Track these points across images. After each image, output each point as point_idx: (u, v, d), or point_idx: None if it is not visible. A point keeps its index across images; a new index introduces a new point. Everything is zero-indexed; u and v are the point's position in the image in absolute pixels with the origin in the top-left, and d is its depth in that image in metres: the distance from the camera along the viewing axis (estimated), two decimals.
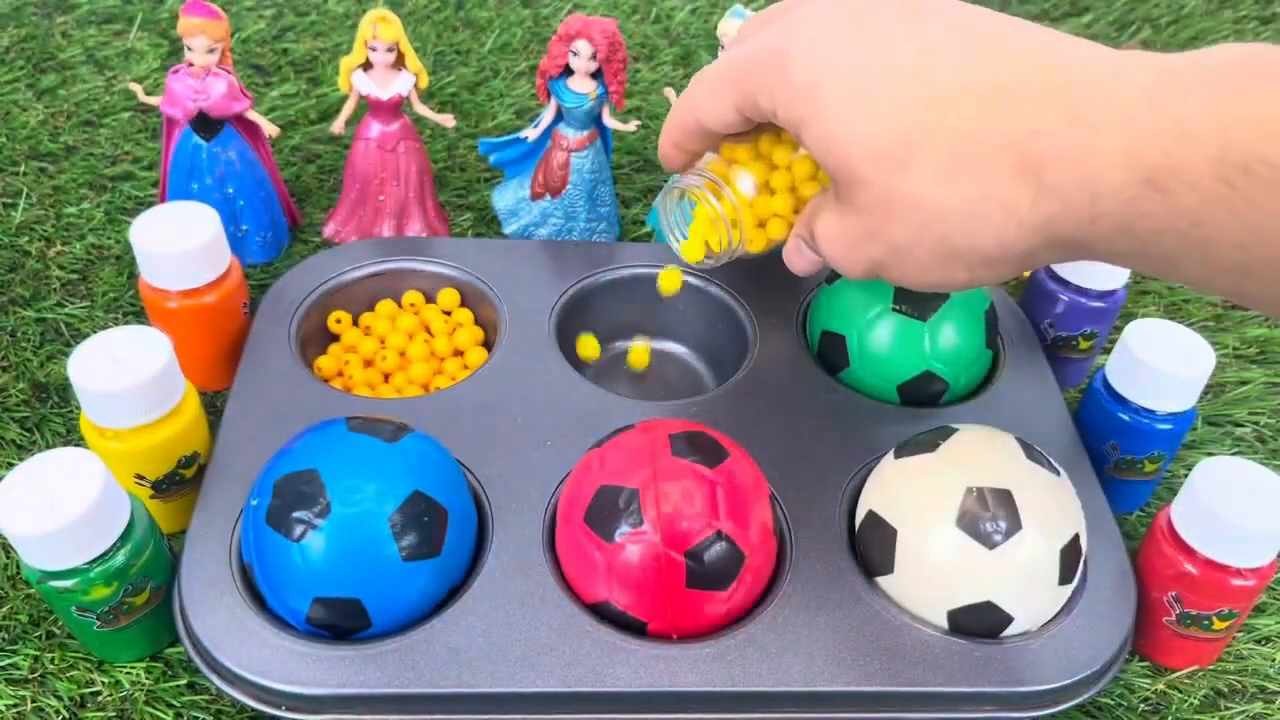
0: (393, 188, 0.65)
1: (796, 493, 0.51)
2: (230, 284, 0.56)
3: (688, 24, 0.92)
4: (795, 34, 0.38)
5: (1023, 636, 0.46)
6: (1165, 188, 0.30)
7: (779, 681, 0.43)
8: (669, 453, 0.45)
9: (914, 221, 0.36)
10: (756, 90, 0.39)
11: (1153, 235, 0.31)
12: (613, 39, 0.60)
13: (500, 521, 0.48)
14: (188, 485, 0.50)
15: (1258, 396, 0.64)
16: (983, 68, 0.35)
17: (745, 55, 0.40)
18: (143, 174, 0.72)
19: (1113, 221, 0.32)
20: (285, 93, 0.80)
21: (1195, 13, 1.00)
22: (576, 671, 0.43)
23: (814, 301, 0.60)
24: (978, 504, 0.44)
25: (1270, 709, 0.49)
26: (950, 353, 0.55)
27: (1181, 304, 0.70)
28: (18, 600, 0.49)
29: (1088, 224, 0.33)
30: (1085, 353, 0.62)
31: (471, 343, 0.61)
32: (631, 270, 0.63)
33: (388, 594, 0.43)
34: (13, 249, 0.66)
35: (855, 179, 0.37)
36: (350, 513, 0.42)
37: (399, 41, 0.61)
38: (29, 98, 0.78)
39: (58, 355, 0.60)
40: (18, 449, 0.55)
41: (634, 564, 0.43)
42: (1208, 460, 0.47)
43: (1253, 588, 0.46)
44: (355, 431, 0.45)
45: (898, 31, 0.36)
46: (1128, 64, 0.33)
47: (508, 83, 0.84)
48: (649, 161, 0.78)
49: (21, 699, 0.45)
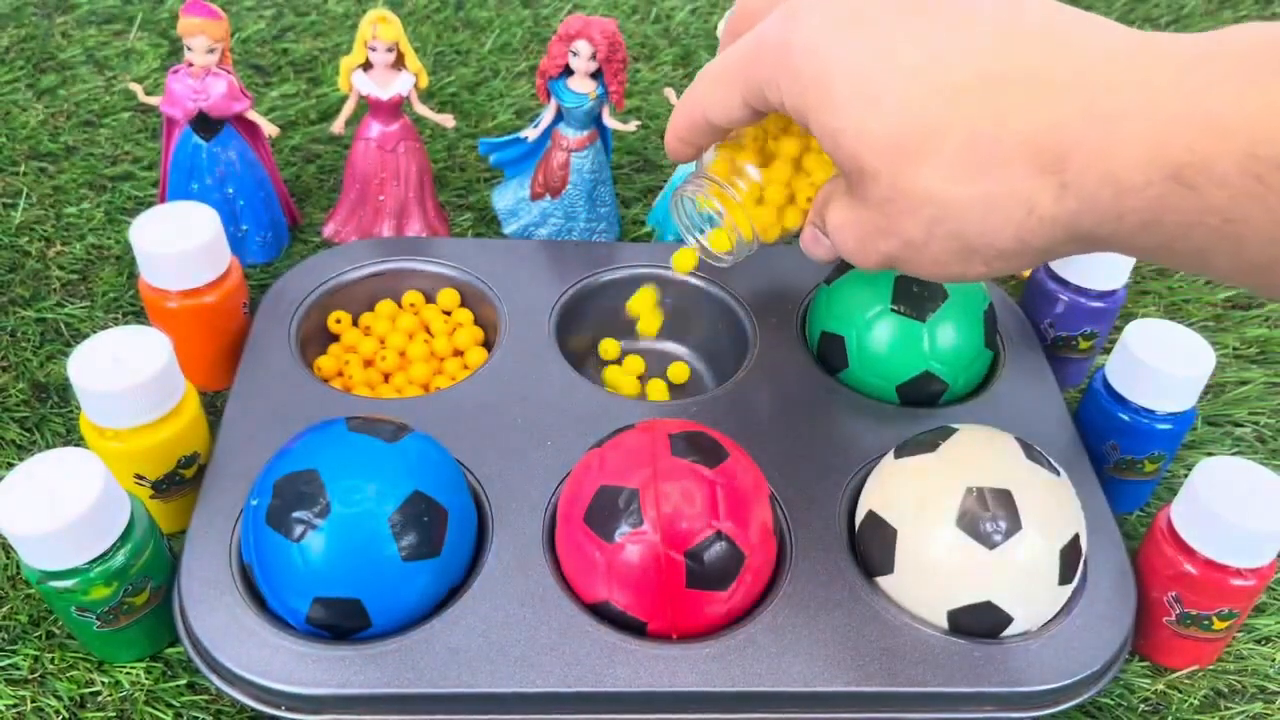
0: (393, 188, 0.65)
1: (796, 493, 0.51)
2: (230, 284, 0.56)
3: (688, 24, 0.92)
4: (798, 22, 0.37)
5: (1023, 636, 0.46)
6: (1193, 184, 0.29)
7: (779, 681, 0.43)
8: (669, 453, 0.45)
9: (927, 217, 0.35)
10: (763, 82, 0.38)
11: (1181, 230, 0.30)
12: (613, 39, 0.60)
13: (500, 521, 0.48)
14: (188, 485, 0.50)
15: (1258, 396, 0.64)
16: (995, 57, 0.33)
17: (749, 47, 0.39)
18: (143, 174, 0.72)
19: (1138, 218, 0.31)
20: (285, 93, 0.80)
21: (1195, 13, 1.00)
22: (576, 671, 0.43)
23: (813, 302, 0.60)
24: (978, 504, 0.44)
25: (1270, 709, 0.49)
26: (949, 353, 0.55)
27: (1181, 304, 0.70)
28: (18, 600, 0.49)
29: (1112, 220, 0.31)
30: (1085, 353, 0.62)
31: (471, 343, 0.61)
32: (631, 270, 0.63)
33: (388, 594, 0.43)
34: (13, 249, 0.66)
35: (865, 173, 0.36)
36: (350, 513, 0.42)
37: (399, 42, 0.61)
38: (29, 98, 0.78)
39: (58, 355, 0.60)
40: (18, 449, 0.55)
41: (634, 564, 0.43)
42: (1208, 460, 0.47)
43: (1253, 588, 0.46)
44: (355, 431, 0.45)
45: (904, 18, 0.35)
46: (1148, 47, 0.31)
47: (508, 83, 0.84)
48: (649, 161, 0.78)
49: (21, 699, 0.45)
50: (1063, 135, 0.32)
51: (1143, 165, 0.30)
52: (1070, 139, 0.31)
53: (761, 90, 0.38)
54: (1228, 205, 0.29)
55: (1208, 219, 0.29)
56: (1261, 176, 0.28)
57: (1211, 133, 0.28)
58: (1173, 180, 0.29)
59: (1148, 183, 0.30)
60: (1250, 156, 0.28)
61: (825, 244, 0.42)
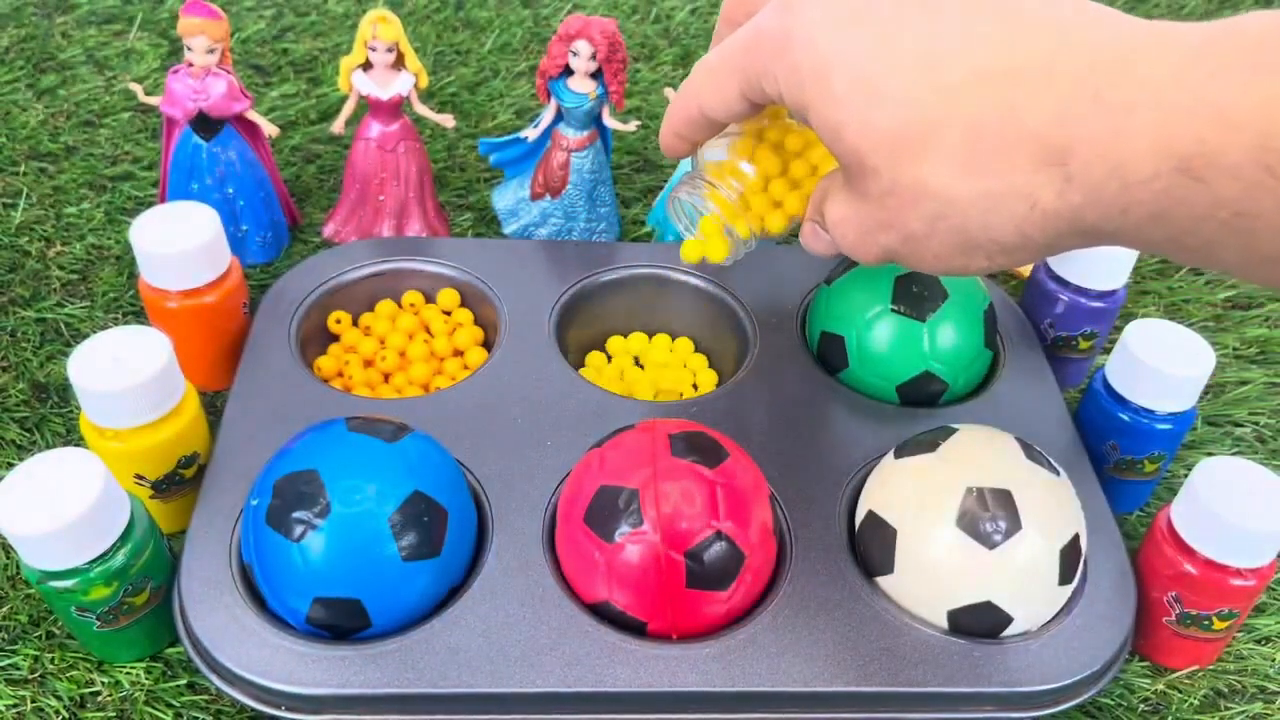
0: (393, 188, 0.65)
1: (796, 493, 0.51)
2: (230, 284, 0.56)
3: (688, 24, 0.92)
4: (796, 13, 0.36)
5: (1023, 636, 0.46)
6: (1202, 177, 0.28)
7: (779, 681, 0.43)
8: (669, 453, 0.45)
9: (929, 211, 0.34)
10: (761, 74, 0.37)
11: (1190, 224, 0.29)
12: (613, 39, 0.60)
13: (500, 521, 0.48)
14: (188, 485, 0.50)
15: (1258, 396, 0.64)
16: (997, 49, 0.33)
17: (746, 38, 0.38)
18: (143, 174, 0.72)
19: (1145, 211, 0.30)
20: (285, 93, 0.80)
21: (1195, 13, 1.00)
22: (576, 671, 0.43)
23: (813, 302, 0.60)
24: (978, 504, 0.44)
25: (1270, 709, 0.49)
26: (949, 353, 0.55)
27: (1181, 304, 0.70)
28: (18, 600, 0.49)
29: (1118, 214, 0.31)
30: (1085, 353, 0.62)
31: (471, 343, 0.61)
32: (631, 270, 0.63)
33: (388, 594, 0.43)
34: (13, 249, 0.66)
35: (865, 167, 0.35)
36: (350, 513, 0.42)
37: (399, 42, 0.61)
38: (29, 98, 0.78)
39: (58, 355, 0.60)
40: (18, 449, 0.55)
41: (634, 564, 0.43)
42: (1208, 460, 0.47)
43: (1253, 588, 0.46)
44: (355, 431, 0.45)
45: (905, 9, 0.34)
46: (1154, 36, 0.30)
47: (508, 83, 0.84)
48: (649, 161, 0.78)
49: (21, 699, 0.45)
50: (1067, 128, 0.31)
51: (1150, 157, 0.29)
52: (1075, 132, 0.31)
53: (759, 83, 0.38)
54: (1238, 199, 0.28)
55: (1217, 212, 0.29)
56: (1273, 168, 0.27)
57: (1222, 124, 0.28)
58: (1181, 173, 0.29)
59: (1155, 174, 0.29)
60: (1262, 148, 0.27)
61: (825, 238, 0.42)
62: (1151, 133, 0.29)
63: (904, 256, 0.37)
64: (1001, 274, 0.71)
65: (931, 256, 0.36)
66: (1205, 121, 0.28)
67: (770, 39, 0.37)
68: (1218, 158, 0.28)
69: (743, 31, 0.38)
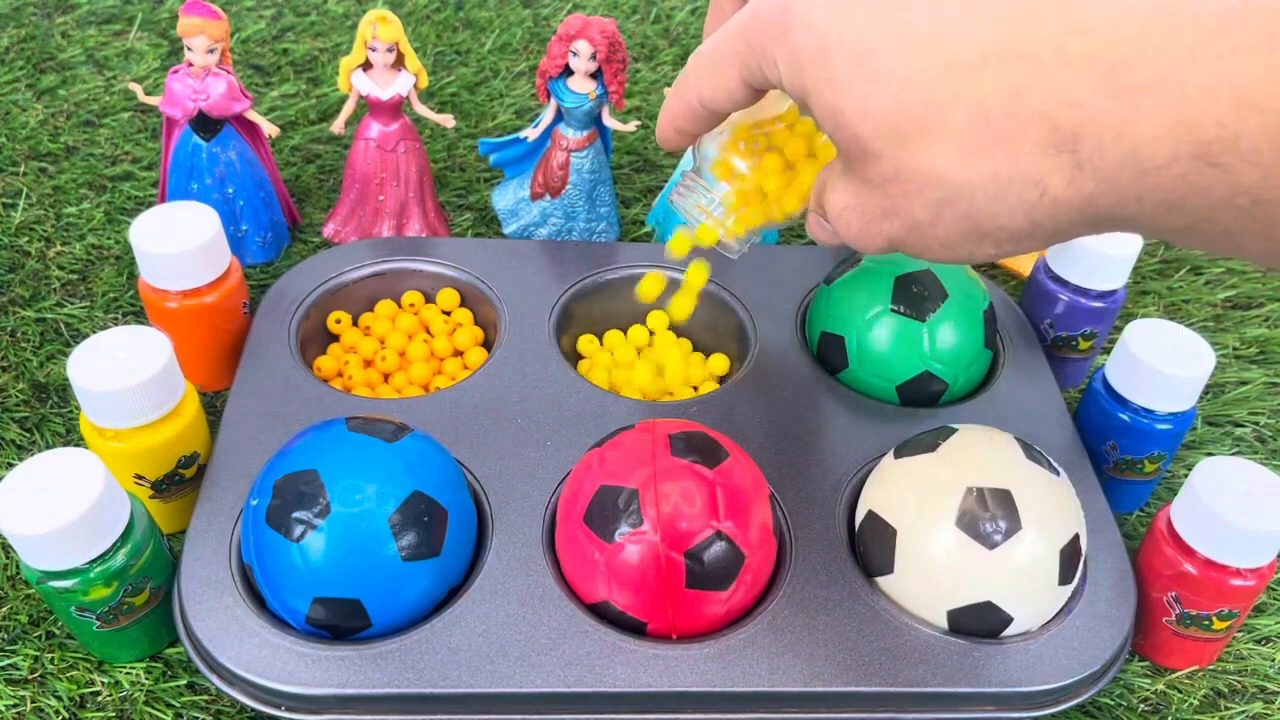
0: (392, 188, 0.65)
1: (796, 493, 0.51)
2: (230, 284, 0.56)
3: (688, 24, 0.92)
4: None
5: (1023, 637, 0.46)
6: (1220, 162, 0.27)
7: (779, 681, 0.43)
8: (668, 453, 0.45)
9: (933, 198, 0.33)
10: (761, 58, 0.36)
11: (1208, 212, 0.28)
12: (613, 39, 0.60)
13: (500, 521, 0.48)
14: (188, 485, 0.50)
15: (1258, 396, 0.64)
16: (1004, 29, 0.31)
17: (743, 22, 0.37)
18: (143, 174, 0.72)
19: (1161, 198, 0.29)
20: (285, 93, 0.80)
21: None
22: (576, 671, 0.43)
23: (813, 302, 0.60)
24: (977, 504, 0.44)
25: (1270, 709, 0.49)
26: (949, 353, 0.55)
27: (1181, 304, 0.70)
28: (18, 600, 0.49)
29: (1132, 201, 0.30)
30: (1085, 353, 0.62)
31: (471, 343, 0.61)
32: (631, 270, 0.63)
33: (388, 594, 0.43)
34: (13, 249, 0.66)
35: (868, 153, 0.34)
36: (350, 513, 0.42)
37: (399, 42, 0.61)
38: (29, 98, 0.78)
39: (58, 355, 0.60)
40: (18, 449, 0.55)
41: (634, 564, 0.43)
42: (1208, 460, 0.47)
43: (1253, 588, 0.46)
44: (355, 431, 0.45)
45: None
46: (1168, 10, 0.28)
47: (508, 83, 0.84)
48: (649, 161, 0.78)
49: (21, 699, 0.45)
50: (1077, 112, 0.30)
51: (1166, 142, 0.28)
52: (1086, 115, 0.30)
53: (760, 68, 0.36)
54: (1259, 185, 0.27)
55: (1236, 199, 0.28)
56: None
57: (1242, 106, 0.26)
58: (1198, 159, 0.27)
59: (1172, 159, 0.28)
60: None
61: (829, 228, 0.40)
62: (1167, 116, 0.28)
63: (909, 245, 0.36)
64: (1001, 274, 0.71)
65: (938, 244, 0.35)
66: (1224, 104, 0.27)
67: (767, 21, 0.35)
68: (1237, 143, 0.27)
69: (739, 16, 0.37)
